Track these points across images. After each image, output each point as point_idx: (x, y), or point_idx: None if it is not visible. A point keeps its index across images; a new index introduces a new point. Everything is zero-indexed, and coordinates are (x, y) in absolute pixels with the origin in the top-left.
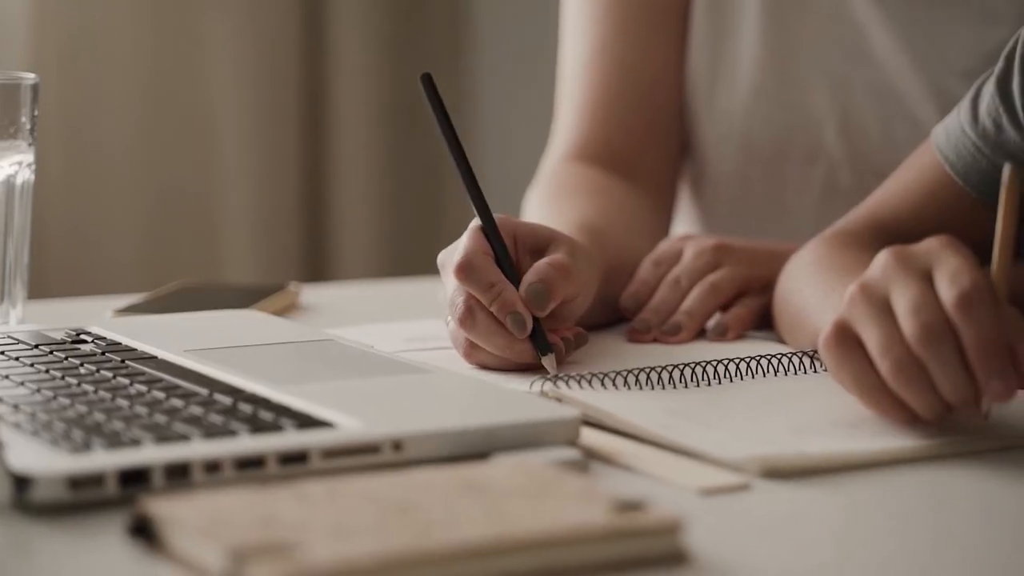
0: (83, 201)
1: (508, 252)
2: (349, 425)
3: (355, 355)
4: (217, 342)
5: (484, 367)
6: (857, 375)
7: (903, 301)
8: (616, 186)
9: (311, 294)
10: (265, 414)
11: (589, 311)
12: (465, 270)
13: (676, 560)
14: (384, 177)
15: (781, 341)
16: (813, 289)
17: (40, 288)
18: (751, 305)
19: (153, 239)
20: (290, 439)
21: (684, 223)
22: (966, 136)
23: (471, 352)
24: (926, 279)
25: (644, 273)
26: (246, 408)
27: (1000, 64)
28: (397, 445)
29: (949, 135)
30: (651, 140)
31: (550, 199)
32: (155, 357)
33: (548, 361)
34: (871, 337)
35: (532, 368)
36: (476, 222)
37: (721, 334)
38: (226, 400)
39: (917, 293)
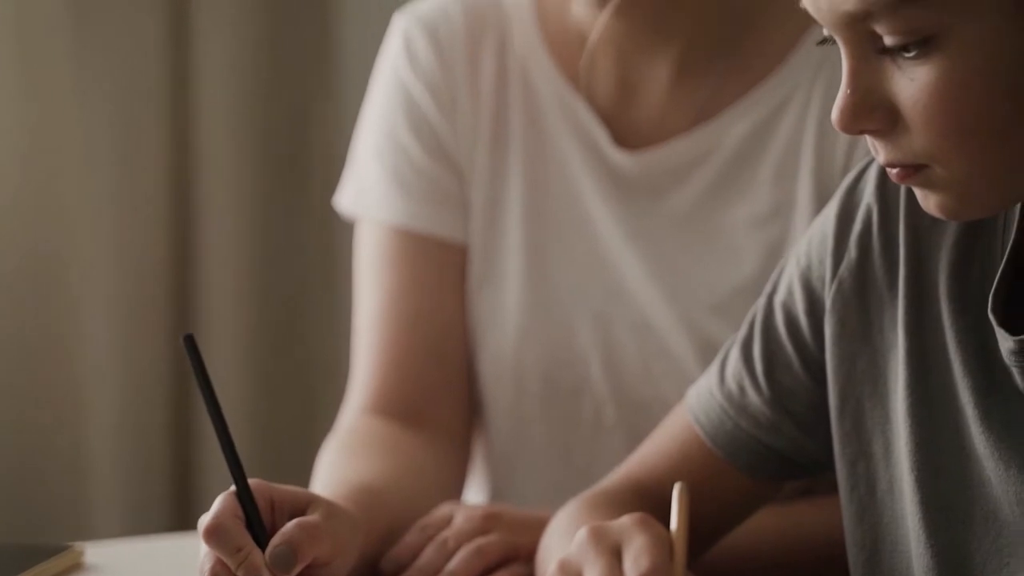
0: None
1: (260, 515)
2: None
3: None
4: None
5: None
6: None
7: None
8: (409, 441)
9: (98, 552)
10: None
11: (357, 574)
12: (213, 534)
13: None
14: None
15: None
16: (561, 551)
17: None
18: (516, 571)
19: None
20: None
21: (474, 469)
22: (713, 398)
23: None
24: (615, 556)
25: (410, 537)
26: None
27: (743, 329)
28: None
29: (700, 396)
30: (444, 390)
31: (338, 454)
32: None
33: None
34: None
35: None
36: (232, 487)
37: None
38: None
39: (603, 570)
